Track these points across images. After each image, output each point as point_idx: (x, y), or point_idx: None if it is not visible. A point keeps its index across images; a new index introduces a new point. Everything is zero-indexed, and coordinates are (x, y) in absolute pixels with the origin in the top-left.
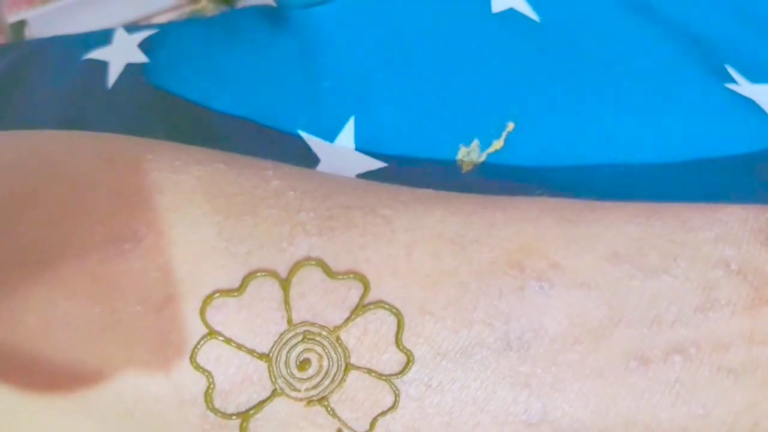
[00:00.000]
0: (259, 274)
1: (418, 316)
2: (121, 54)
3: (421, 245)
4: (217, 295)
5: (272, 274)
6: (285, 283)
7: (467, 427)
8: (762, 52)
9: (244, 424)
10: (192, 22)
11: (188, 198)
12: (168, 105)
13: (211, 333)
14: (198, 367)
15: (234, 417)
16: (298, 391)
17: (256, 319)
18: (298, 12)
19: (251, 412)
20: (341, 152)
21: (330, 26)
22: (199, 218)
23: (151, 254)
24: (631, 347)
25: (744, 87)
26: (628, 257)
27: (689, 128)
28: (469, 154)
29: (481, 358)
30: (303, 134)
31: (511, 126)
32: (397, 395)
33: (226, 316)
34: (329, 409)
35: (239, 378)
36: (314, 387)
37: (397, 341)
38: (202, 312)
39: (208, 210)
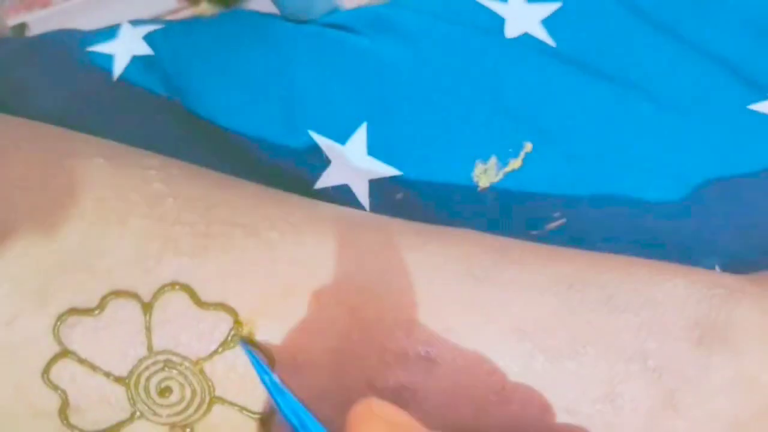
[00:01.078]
0: (118, 295)
1: (291, 362)
2: (126, 47)
3: (302, 286)
4: (71, 314)
5: (133, 296)
6: (147, 307)
7: None
8: None
9: None
10: (198, 20)
11: (53, 199)
12: (172, 98)
13: (64, 352)
14: (51, 385)
15: None
16: (160, 416)
17: (114, 341)
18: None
19: (109, 431)
20: (353, 155)
21: (343, 35)
22: (60, 223)
23: (3, 262)
24: (516, 428)
25: None
26: (532, 335)
27: (710, 151)
28: (486, 171)
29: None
30: (314, 134)
31: (529, 146)
32: None
33: (82, 335)
34: None
35: (95, 397)
36: (177, 414)
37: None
38: (56, 329)
39: (72, 215)
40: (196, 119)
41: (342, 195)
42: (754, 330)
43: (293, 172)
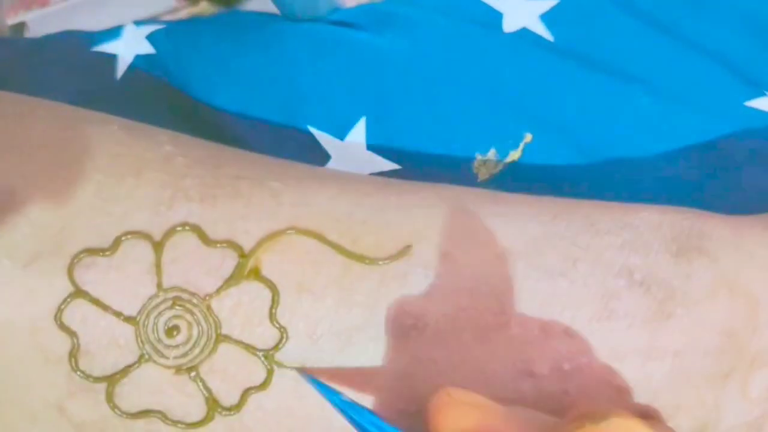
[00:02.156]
0: (131, 235)
1: (295, 292)
2: (129, 46)
3: (306, 221)
4: (85, 254)
5: (145, 235)
6: (158, 246)
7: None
8: None
9: (110, 389)
10: (200, 19)
11: (70, 155)
12: (175, 96)
13: (78, 292)
14: (63, 327)
15: (100, 380)
16: (166, 358)
17: (125, 281)
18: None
19: (117, 376)
20: (352, 150)
21: (342, 30)
22: (77, 175)
23: (23, 210)
24: (520, 351)
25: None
26: (524, 255)
27: (707, 145)
28: (486, 163)
29: (359, 343)
30: (313, 130)
31: (528, 137)
32: (270, 371)
33: (95, 275)
34: (199, 378)
35: (105, 340)
36: (183, 355)
37: (271, 316)
38: (70, 270)
39: (88, 168)
40: (198, 116)
41: None
42: (725, 239)
43: None
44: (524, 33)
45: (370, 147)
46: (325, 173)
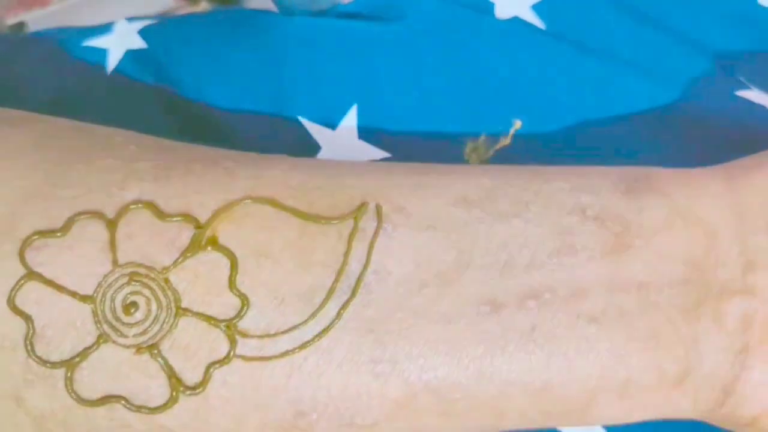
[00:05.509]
0: (83, 215)
1: (254, 258)
2: (121, 41)
3: (261, 190)
4: (36, 236)
5: (98, 215)
6: (111, 224)
7: (311, 377)
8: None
9: (69, 374)
10: (193, 15)
11: (19, 148)
12: (165, 90)
13: (30, 274)
14: (17, 310)
15: (58, 365)
16: (126, 337)
17: (79, 260)
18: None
19: (76, 360)
20: (343, 140)
21: (333, 20)
22: (26, 165)
23: None
24: (482, 292)
25: (755, 93)
26: (477, 202)
27: (697, 135)
28: (476, 149)
29: (322, 302)
30: (303, 120)
31: (518, 124)
32: (233, 343)
33: (47, 257)
34: (160, 357)
35: (62, 322)
36: (143, 333)
37: (231, 284)
38: (21, 252)
39: (37, 159)
40: (187, 110)
41: None
42: (673, 178)
43: None
44: (516, 21)
45: (362, 135)
46: (276, 156)
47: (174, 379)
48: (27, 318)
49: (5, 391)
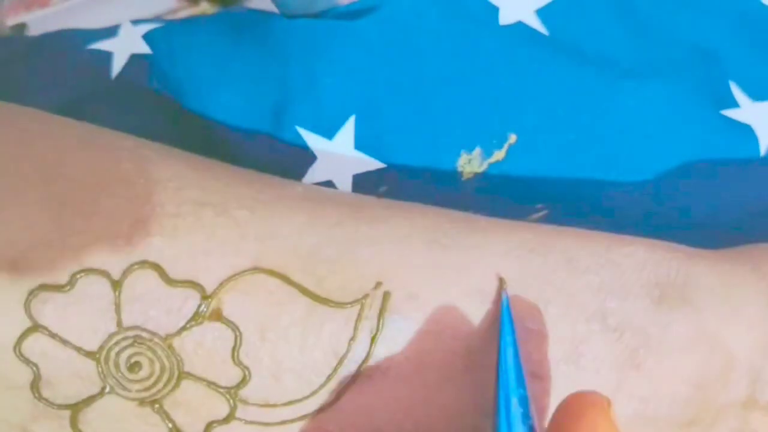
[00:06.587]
0: (88, 272)
1: (258, 333)
2: (125, 45)
3: (271, 257)
4: (42, 290)
5: (103, 273)
6: (116, 284)
7: None
8: (765, 69)
9: (74, 415)
10: (197, 18)
11: (26, 179)
12: (168, 98)
13: (36, 326)
14: (23, 358)
15: (63, 408)
16: (129, 391)
17: (83, 318)
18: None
19: (81, 405)
20: (339, 151)
21: (335, 28)
22: (33, 203)
23: None
24: (483, 393)
25: (744, 108)
26: (494, 297)
27: (684, 152)
28: (471, 161)
29: (322, 385)
30: (301, 130)
31: (513, 138)
32: (233, 407)
33: (53, 311)
34: (162, 411)
35: (67, 372)
36: (146, 389)
37: (234, 357)
38: (27, 304)
39: (45, 195)
40: (189, 116)
41: None
42: (712, 289)
43: (280, 169)
44: (519, 26)
45: (359, 146)
46: (296, 193)
47: (175, 431)
48: (33, 366)
49: (12, 422)
